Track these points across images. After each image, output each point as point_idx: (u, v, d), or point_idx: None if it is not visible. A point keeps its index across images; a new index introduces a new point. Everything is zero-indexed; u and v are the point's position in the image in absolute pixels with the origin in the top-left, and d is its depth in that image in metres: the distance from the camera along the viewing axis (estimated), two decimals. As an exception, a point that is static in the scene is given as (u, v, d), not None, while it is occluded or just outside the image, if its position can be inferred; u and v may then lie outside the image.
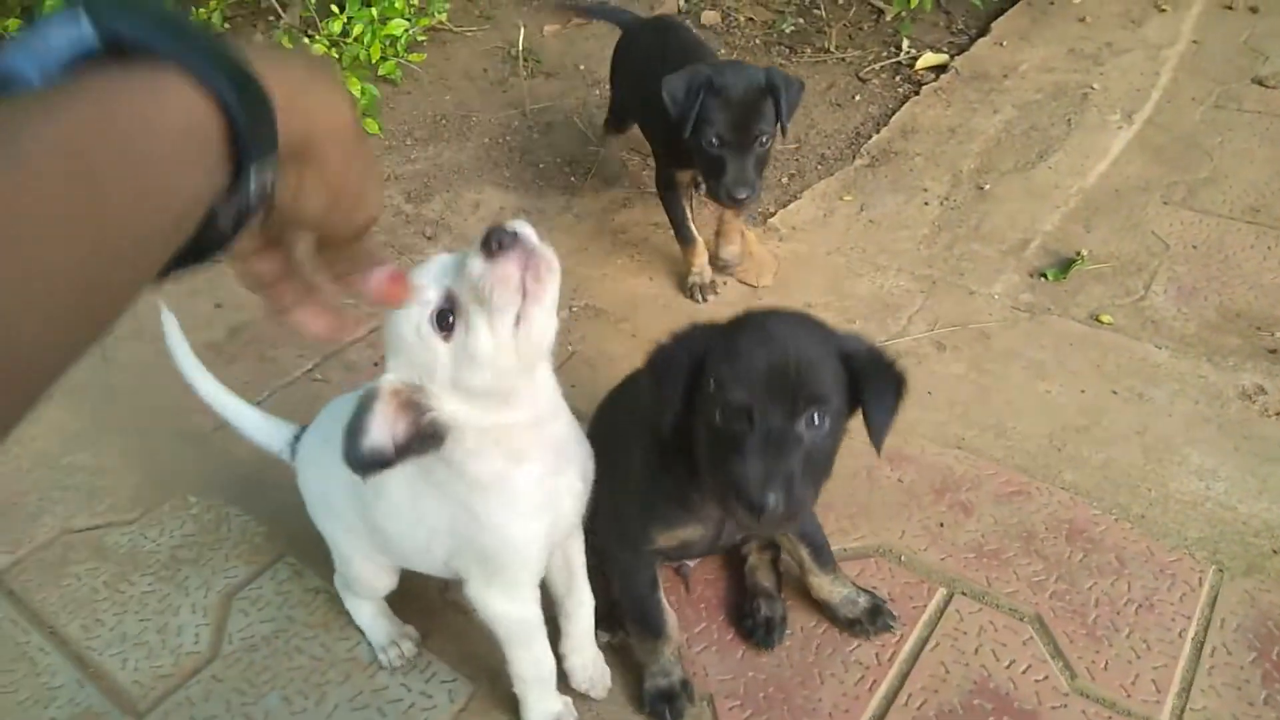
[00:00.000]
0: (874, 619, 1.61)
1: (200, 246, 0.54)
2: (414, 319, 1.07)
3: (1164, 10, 3.74)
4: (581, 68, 3.66)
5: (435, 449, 1.11)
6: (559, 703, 1.47)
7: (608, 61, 3.71)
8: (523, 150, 3.20)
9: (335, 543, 1.55)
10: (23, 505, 1.99)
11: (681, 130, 2.17)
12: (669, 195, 2.48)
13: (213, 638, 1.70)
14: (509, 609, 1.35)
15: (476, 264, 1.03)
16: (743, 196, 2.18)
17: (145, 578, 1.82)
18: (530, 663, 1.41)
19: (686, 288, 2.50)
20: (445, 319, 1.06)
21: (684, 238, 2.49)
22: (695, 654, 1.61)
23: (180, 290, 2.59)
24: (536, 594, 1.36)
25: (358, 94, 3.22)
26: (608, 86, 3.08)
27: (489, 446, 1.17)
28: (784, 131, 2.22)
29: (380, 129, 3.28)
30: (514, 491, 1.22)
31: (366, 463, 1.06)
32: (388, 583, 1.58)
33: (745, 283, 2.54)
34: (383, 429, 1.07)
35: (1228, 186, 2.73)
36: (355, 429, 1.06)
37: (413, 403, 1.09)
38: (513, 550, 1.27)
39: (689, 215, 2.49)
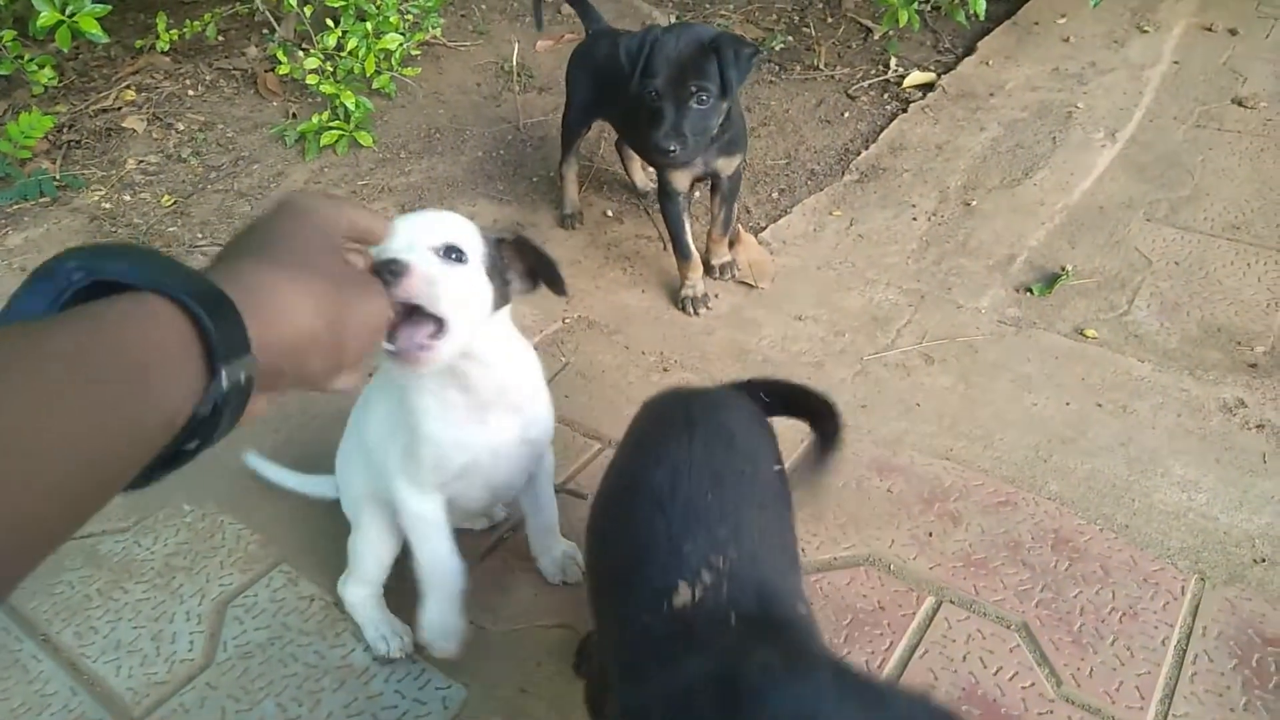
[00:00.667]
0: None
1: (181, 450, 0.65)
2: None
3: (1146, 31, 3.81)
4: (574, 83, 3.69)
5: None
6: (455, 619, 1.55)
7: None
8: (516, 164, 3.23)
9: (355, 510, 1.66)
10: (16, 513, 1.99)
11: (629, 87, 2.24)
12: (668, 206, 2.49)
13: (207, 645, 1.71)
14: (410, 502, 1.52)
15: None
16: (671, 148, 2.18)
17: (139, 585, 1.83)
18: (426, 561, 1.54)
19: (679, 301, 2.53)
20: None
21: (681, 253, 2.50)
22: (687, 661, 1.63)
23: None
24: (438, 500, 1.52)
25: (352, 107, 3.25)
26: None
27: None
28: (725, 93, 2.20)
29: (374, 142, 3.31)
30: (430, 409, 1.43)
31: None
32: (390, 548, 1.65)
33: (745, 284, 2.57)
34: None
35: (1209, 204, 2.78)
36: None
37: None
38: (419, 446, 1.46)
39: (687, 229, 2.50)
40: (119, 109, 3.50)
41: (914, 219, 2.83)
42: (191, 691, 1.63)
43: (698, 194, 2.74)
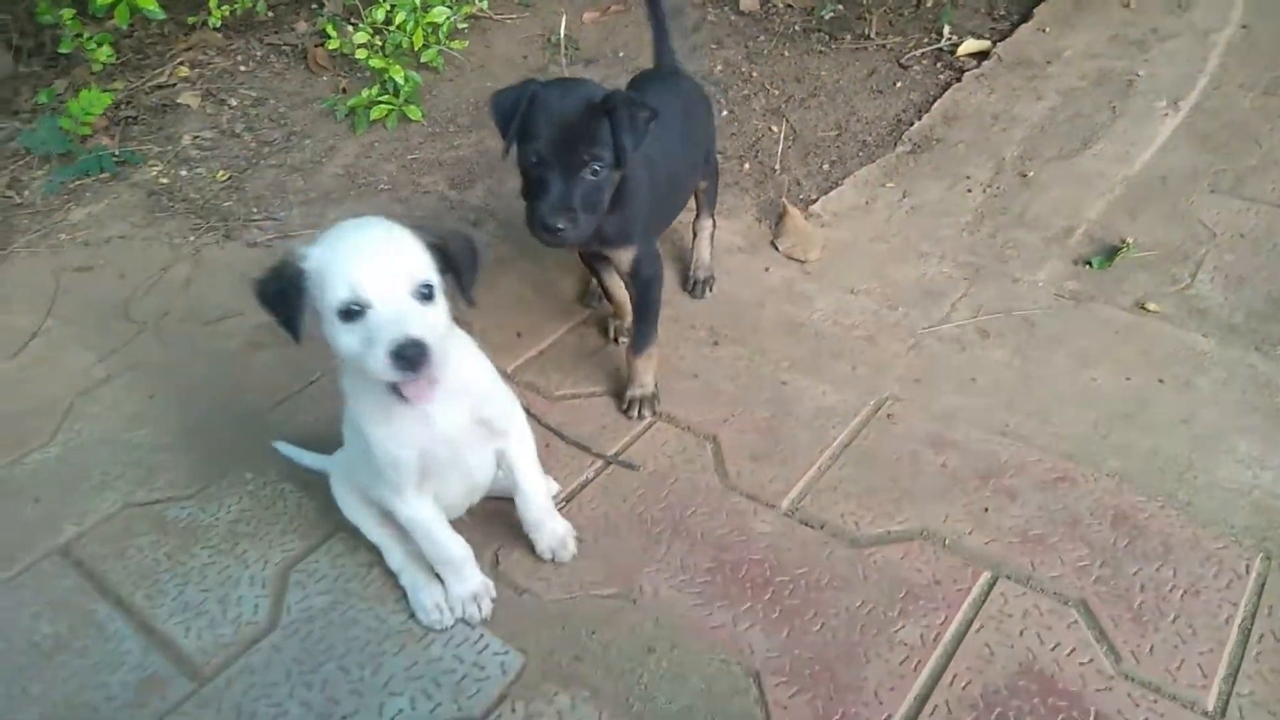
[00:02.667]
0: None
1: None
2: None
3: (1212, -5, 3.68)
4: (621, 54, 3.67)
5: None
6: (476, 582, 1.72)
7: (648, 47, 3.73)
8: (564, 137, 3.22)
9: (355, 518, 1.82)
10: (87, 480, 2.05)
11: (505, 148, 1.90)
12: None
13: (271, 609, 1.76)
14: (399, 508, 1.63)
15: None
16: (557, 227, 1.82)
17: (205, 550, 1.88)
18: (434, 551, 1.68)
19: (623, 401, 2.14)
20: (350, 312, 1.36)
21: (607, 295, 2.30)
22: (742, 631, 1.64)
23: (231, 275, 2.65)
24: (422, 499, 1.62)
25: (401, 81, 3.27)
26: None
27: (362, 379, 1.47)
28: (620, 162, 1.86)
29: (423, 116, 3.33)
30: (367, 413, 1.53)
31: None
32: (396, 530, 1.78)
33: (793, 258, 2.55)
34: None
35: (1276, 175, 2.69)
36: None
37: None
38: (371, 451, 1.55)
39: (603, 278, 2.29)
40: (173, 85, 3.56)
41: (969, 190, 2.78)
42: (258, 653, 1.68)
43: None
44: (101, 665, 1.68)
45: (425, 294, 1.37)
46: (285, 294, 1.39)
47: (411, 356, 1.31)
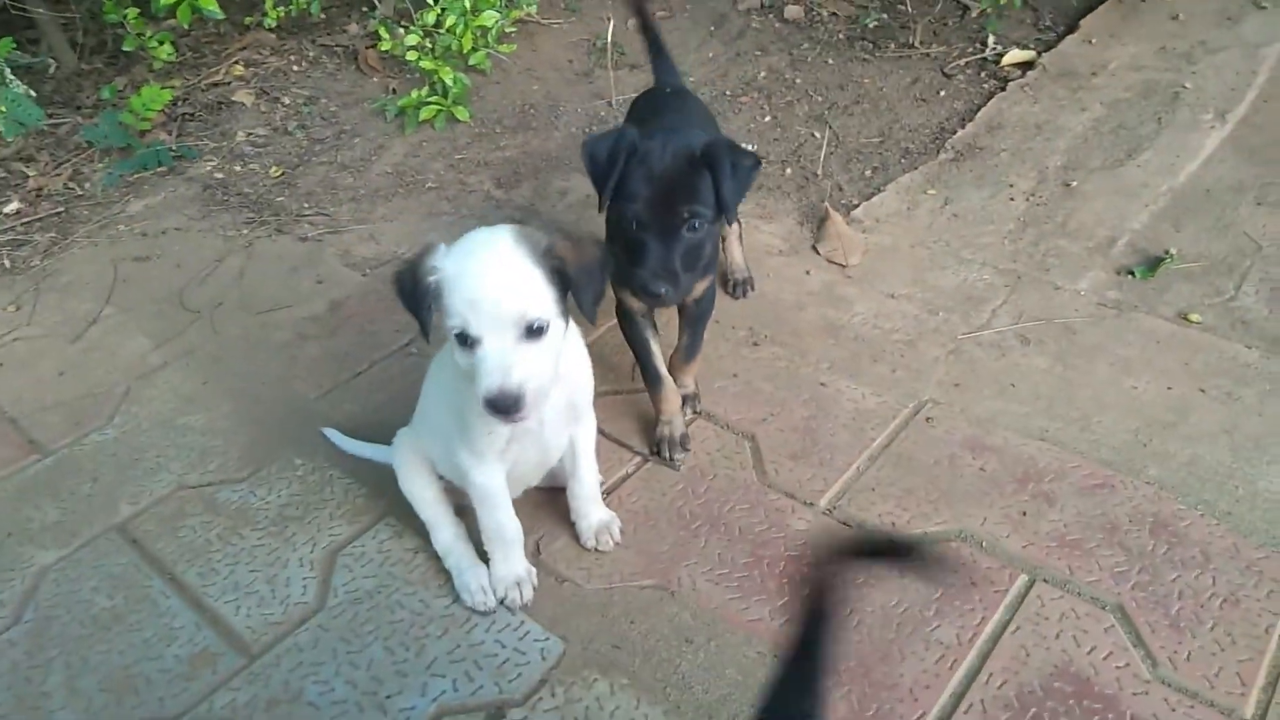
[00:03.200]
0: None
1: None
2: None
3: (1264, 8, 3.65)
4: (665, 60, 3.71)
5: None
6: (521, 567, 1.76)
7: (692, 53, 3.78)
8: (607, 140, 3.26)
9: (410, 486, 1.85)
10: (142, 461, 2.12)
11: (600, 203, 1.82)
12: (628, 328, 2.02)
13: (319, 590, 1.81)
14: (475, 474, 1.66)
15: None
16: (660, 291, 1.74)
17: (255, 532, 1.94)
18: (493, 525, 1.72)
19: (653, 443, 2.04)
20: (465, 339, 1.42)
21: (649, 379, 2.03)
22: (778, 625, 1.66)
23: (283, 268, 2.73)
24: (499, 467, 1.67)
25: (450, 82, 3.33)
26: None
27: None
28: (728, 217, 1.80)
29: (470, 117, 3.39)
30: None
31: None
32: (448, 506, 1.85)
33: (834, 262, 2.57)
34: None
35: (1326, 188, 2.67)
36: None
37: None
38: (472, 426, 1.60)
39: (655, 351, 2.02)
40: (229, 84, 3.65)
41: (1011, 199, 2.78)
42: (305, 632, 1.73)
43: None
44: (155, 639, 1.74)
45: (537, 330, 1.40)
46: (414, 295, 1.45)
47: (504, 408, 1.38)
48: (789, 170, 3.02)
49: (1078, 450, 1.96)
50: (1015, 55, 3.49)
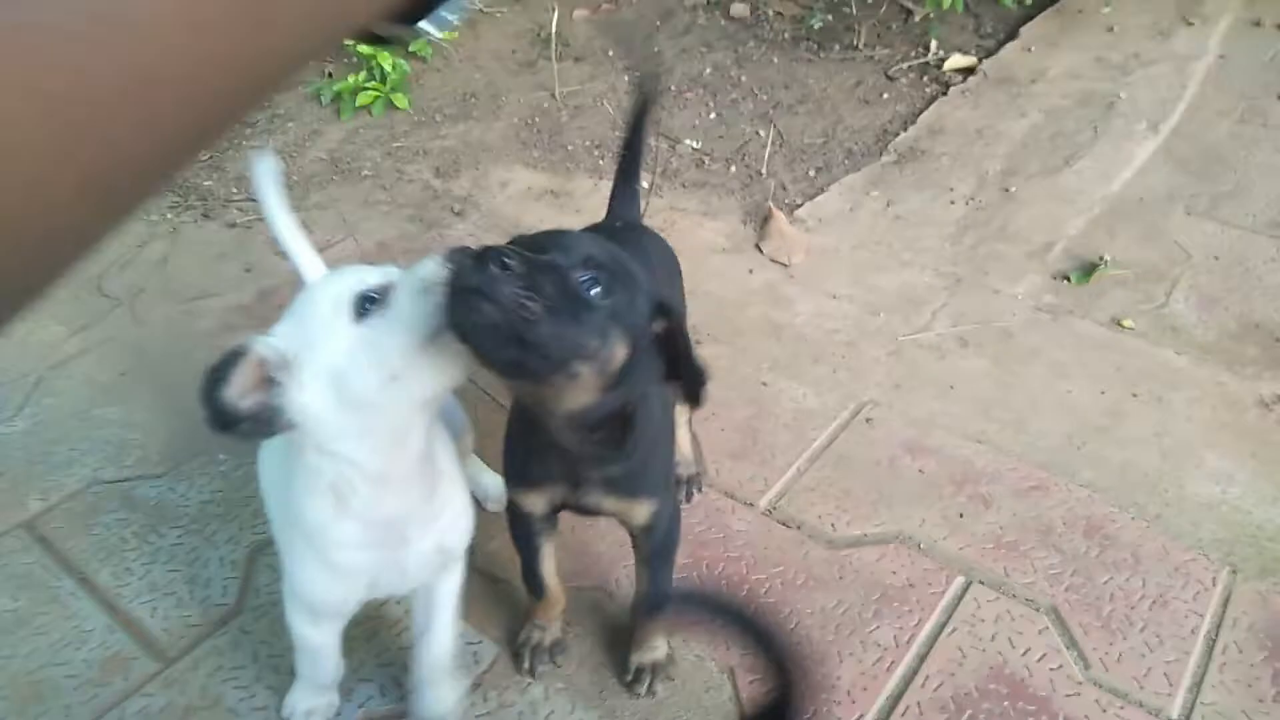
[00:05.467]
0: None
1: None
2: (334, 290, 1.05)
3: (1191, 24, 3.75)
4: (611, 53, 3.67)
5: (265, 435, 1.06)
6: (323, 699, 1.50)
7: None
8: (551, 132, 3.22)
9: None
10: (53, 455, 2.01)
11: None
12: (513, 527, 1.51)
13: (241, 591, 1.73)
14: (298, 627, 1.35)
15: (431, 264, 1.01)
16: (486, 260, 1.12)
17: (174, 530, 1.85)
18: (306, 665, 1.45)
19: (515, 646, 1.60)
20: (366, 302, 1.03)
21: (531, 587, 1.57)
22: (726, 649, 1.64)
23: (209, 254, 2.62)
24: (335, 625, 1.37)
25: (389, 68, 3.24)
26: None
27: (321, 481, 1.11)
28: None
29: (410, 104, 3.31)
30: (325, 542, 1.17)
31: (215, 410, 1.01)
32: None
33: (776, 261, 2.57)
34: (238, 388, 1.02)
35: (1250, 200, 2.75)
36: (217, 375, 1.02)
37: (270, 379, 1.04)
38: (306, 592, 1.25)
39: (542, 560, 1.53)
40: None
41: (951, 203, 2.81)
42: (225, 635, 1.65)
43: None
44: (63, 643, 1.64)
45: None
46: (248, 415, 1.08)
47: (463, 256, 1.00)
48: (733, 168, 3.01)
49: (1013, 453, 1.98)
50: (957, 61, 3.53)
